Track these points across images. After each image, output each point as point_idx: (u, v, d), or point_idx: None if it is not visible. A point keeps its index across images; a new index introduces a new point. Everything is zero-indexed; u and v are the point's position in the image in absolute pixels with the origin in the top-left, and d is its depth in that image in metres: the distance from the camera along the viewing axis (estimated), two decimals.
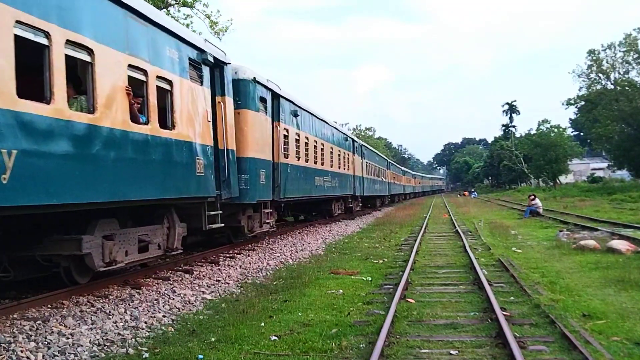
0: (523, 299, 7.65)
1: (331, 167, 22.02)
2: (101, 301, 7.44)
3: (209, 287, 8.88)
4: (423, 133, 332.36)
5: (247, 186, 12.00)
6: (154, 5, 19.13)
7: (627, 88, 51.77)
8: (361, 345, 5.60)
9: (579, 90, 60.76)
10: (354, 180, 27.85)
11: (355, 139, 30.63)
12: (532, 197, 26.92)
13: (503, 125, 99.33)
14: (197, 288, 8.70)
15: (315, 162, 19.30)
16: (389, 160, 50.06)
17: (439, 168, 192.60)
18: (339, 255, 13.06)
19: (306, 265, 11.25)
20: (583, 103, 61.67)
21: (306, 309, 7.29)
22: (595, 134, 55.54)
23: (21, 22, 5.60)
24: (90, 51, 6.66)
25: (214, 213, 10.21)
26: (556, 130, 68.64)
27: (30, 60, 6.00)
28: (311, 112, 19.04)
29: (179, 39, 9.02)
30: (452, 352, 5.37)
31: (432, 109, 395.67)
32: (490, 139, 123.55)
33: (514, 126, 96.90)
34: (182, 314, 7.09)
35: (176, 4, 25.56)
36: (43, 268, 7.57)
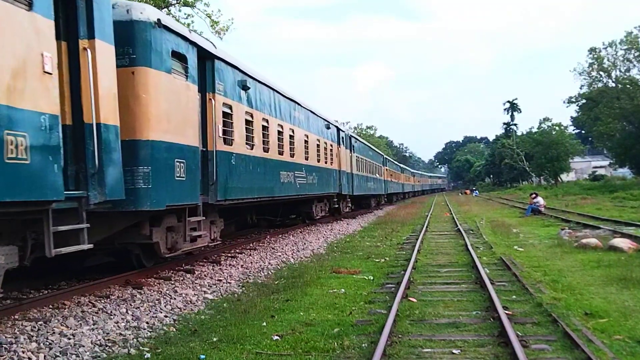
0: (525, 297, 7.64)
1: (306, 159, 17.72)
2: (103, 301, 7.44)
3: (211, 286, 8.87)
4: (424, 131, 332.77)
5: (148, 184, 8.05)
6: (154, 5, 19.13)
7: (628, 86, 51.77)
8: (363, 345, 5.59)
9: (580, 89, 60.98)
10: (339, 176, 23.72)
11: (342, 128, 26.20)
12: (534, 195, 26.89)
13: (504, 124, 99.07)
14: (199, 288, 8.70)
15: (281, 153, 14.95)
16: (385, 156, 46.20)
17: (440, 166, 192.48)
18: (340, 254, 13.05)
19: (308, 265, 11.25)
20: (584, 101, 61.73)
21: (308, 308, 7.28)
22: (596, 131, 55.58)
23: None
24: None
25: (69, 228, 6.31)
26: (557, 128, 68.65)
27: None
28: (273, 86, 14.41)
29: None
30: (454, 351, 5.36)
31: (433, 108, 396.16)
32: (491, 137, 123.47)
33: (515, 124, 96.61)
34: (183, 314, 7.09)
35: (177, 3, 25.53)
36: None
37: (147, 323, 6.56)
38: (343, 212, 26.06)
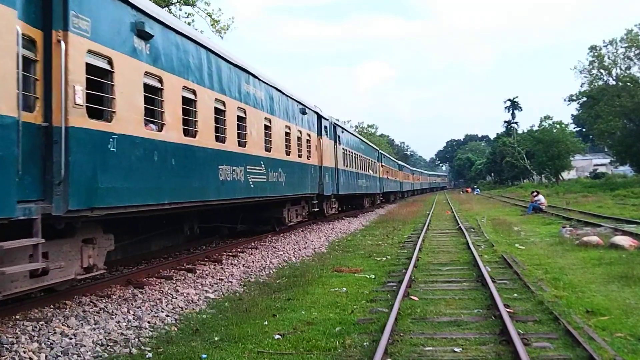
0: (526, 295, 7.64)
1: (267, 151, 13.46)
2: (104, 301, 7.45)
3: (212, 286, 8.87)
4: (425, 130, 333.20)
5: None
6: (155, 4, 19.11)
7: (628, 84, 51.67)
8: (365, 344, 5.59)
9: (581, 87, 60.97)
10: (320, 173, 19.42)
11: (324, 114, 20.80)
12: (535, 193, 26.91)
13: (505, 122, 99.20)
14: (200, 287, 8.70)
15: (221, 140, 10.64)
16: (380, 151, 41.65)
17: (441, 165, 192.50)
18: (342, 253, 13.06)
19: (309, 264, 11.25)
20: (585, 99, 61.72)
21: (310, 307, 7.29)
22: (597, 129, 55.49)
23: None
24: None
25: None
26: (558, 126, 68.65)
27: None
28: (206, 44, 10.17)
29: None
30: (456, 349, 5.36)
31: (434, 106, 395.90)
32: (492, 136, 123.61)
33: (516, 123, 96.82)
34: (185, 313, 7.09)
35: (178, 2, 25.54)
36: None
37: (149, 322, 6.56)
38: (328, 215, 22.55)
